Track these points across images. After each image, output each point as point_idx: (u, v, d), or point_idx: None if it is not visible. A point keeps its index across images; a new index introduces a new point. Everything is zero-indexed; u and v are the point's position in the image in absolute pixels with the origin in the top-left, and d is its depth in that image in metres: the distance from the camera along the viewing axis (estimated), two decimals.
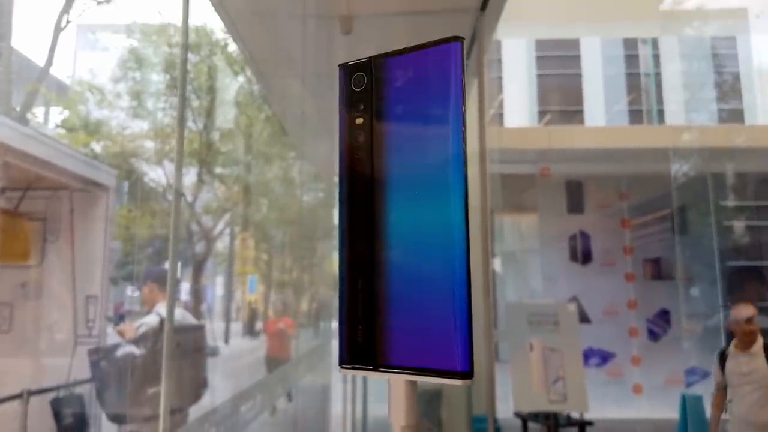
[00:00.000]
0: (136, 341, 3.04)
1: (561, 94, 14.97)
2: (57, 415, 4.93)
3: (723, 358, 4.32)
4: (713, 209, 8.52)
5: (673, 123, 10.57)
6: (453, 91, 0.53)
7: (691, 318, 8.47)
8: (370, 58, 0.58)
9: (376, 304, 0.53)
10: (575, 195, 9.56)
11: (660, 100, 11.72)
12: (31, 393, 4.09)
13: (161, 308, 3.17)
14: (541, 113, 14.66)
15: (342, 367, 0.55)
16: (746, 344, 4.14)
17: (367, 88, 0.57)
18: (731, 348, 4.27)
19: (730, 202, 9.09)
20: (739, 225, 9.53)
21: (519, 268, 11.70)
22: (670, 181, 8.26)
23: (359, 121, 0.57)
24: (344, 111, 0.58)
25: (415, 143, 0.54)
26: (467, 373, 0.48)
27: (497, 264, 9.99)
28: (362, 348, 0.53)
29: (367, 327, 0.53)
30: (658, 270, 9.17)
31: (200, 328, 3.29)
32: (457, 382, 0.48)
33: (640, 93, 12.91)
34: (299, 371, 7.14)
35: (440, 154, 0.52)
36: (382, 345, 0.52)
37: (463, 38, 0.55)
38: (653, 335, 8.96)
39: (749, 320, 4.15)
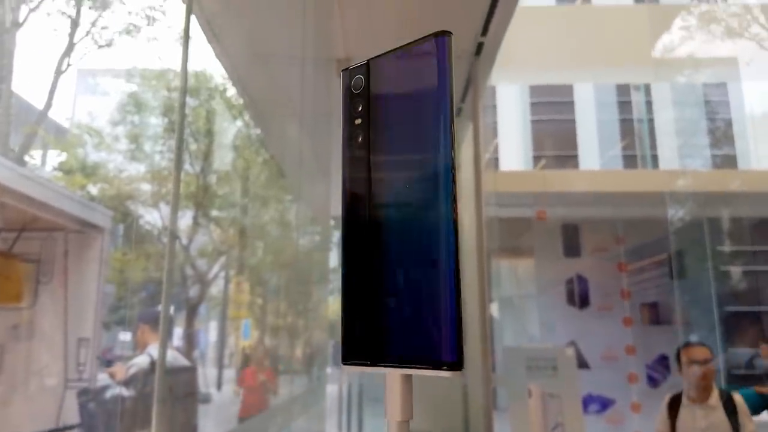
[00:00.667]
0: (126, 383, 2.98)
1: (555, 140, 15.15)
2: None
3: (674, 405, 3.91)
4: (710, 254, 8.53)
5: (668, 168, 10.68)
6: (440, 84, 0.56)
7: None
8: (368, 60, 0.61)
9: (373, 303, 0.55)
10: (572, 239, 9.56)
11: (653, 145, 11.86)
12: None
13: (152, 349, 3.13)
14: (536, 158, 14.80)
15: (344, 363, 0.57)
16: (702, 394, 3.73)
17: (364, 89, 0.60)
18: (685, 399, 3.85)
19: (727, 247, 9.11)
20: (736, 270, 9.53)
21: (516, 313, 11.62)
22: (666, 225, 8.29)
23: (358, 121, 0.59)
24: (345, 113, 0.61)
25: (408, 140, 0.56)
26: (455, 364, 0.50)
27: (494, 309, 9.93)
28: (360, 344, 0.55)
29: (364, 325, 0.55)
30: (656, 315, 9.12)
31: (192, 370, 3.23)
32: (446, 374, 0.50)
33: (634, 138, 13.08)
34: (287, 418, 7.01)
35: (430, 149, 0.54)
36: (378, 341, 0.54)
37: (450, 32, 0.57)
38: (653, 381, 8.83)
39: (705, 362, 3.78)
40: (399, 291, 0.53)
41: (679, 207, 8.57)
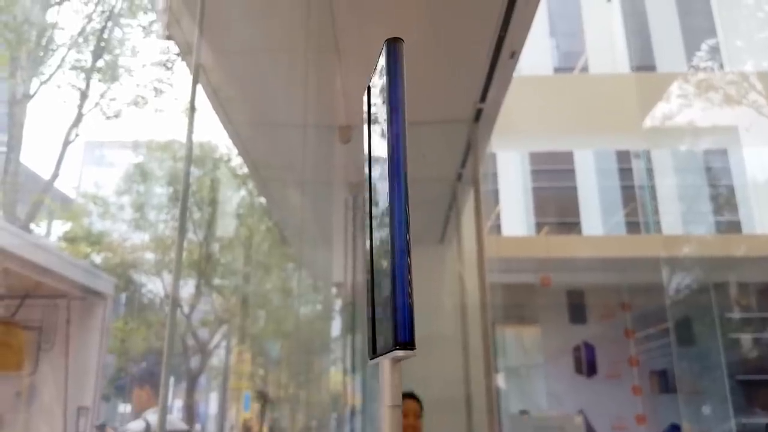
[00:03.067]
0: None
1: (557, 206, 15.23)
2: None
3: None
4: (718, 322, 8.43)
5: (671, 233, 10.69)
6: (391, 90, 0.60)
7: None
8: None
9: (372, 314, 0.66)
10: (577, 305, 9.49)
11: (656, 211, 11.91)
12: None
13: (149, 414, 3.08)
14: (539, 225, 14.85)
15: (370, 359, 0.66)
16: None
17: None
18: None
19: (735, 315, 9.00)
20: (745, 338, 9.39)
21: (523, 383, 11.39)
22: (673, 291, 8.24)
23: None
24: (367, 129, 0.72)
25: (380, 149, 0.64)
26: (407, 344, 0.57)
27: (501, 380, 9.75)
28: (371, 345, 0.65)
29: (371, 330, 0.65)
30: (666, 383, 8.93)
31: None
32: (400, 353, 0.57)
33: (636, 205, 13.15)
34: None
35: (388, 154, 0.61)
36: (374, 341, 0.64)
37: (399, 39, 0.62)
38: None
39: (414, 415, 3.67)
40: (382, 294, 0.62)
41: (684, 273, 8.53)
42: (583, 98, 9.28)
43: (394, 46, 0.60)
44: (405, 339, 0.57)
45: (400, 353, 0.57)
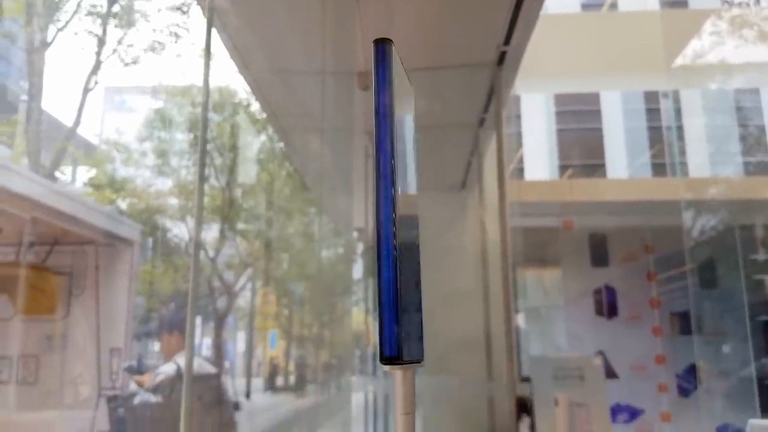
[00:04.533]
0: (153, 390, 3.05)
1: (582, 149, 15.01)
2: None
3: None
4: (742, 263, 8.36)
5: (698, 176, 10.51)
6: (379, 91, 0.57)
7: (722, 374, 8.21)
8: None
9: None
10: (599, 248, 9.45)
11: (683, 152, 11.69)
12: None
13: (180, 358, 3.19)
14: (563, 168, 14.67)
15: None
16: None
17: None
18: None
19: (761, 256, 8.90)
20: None
21: (543, 323, 11.49)
22: (697, 233, 8.16)
23: None
24: None
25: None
26: (393, 359, 0.54)
27: (521, 320, 9.85)
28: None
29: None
30: (686, 324, 8.95)
31: (217, 377, 3.28)
32: (386, 367, 0.55)
33: (663, 146, 12.90)
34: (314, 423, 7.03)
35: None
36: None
37: (388, 40, 0.59)
38: (683, 391, 8.67)
39: None
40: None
41: (710, 215, 8.42)
42: (611, 37, 8.99)
43: (382, 47, 0.57)
44: (390, 354, 0.54)
45: (386, 367, 0.54)
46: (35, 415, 4.99)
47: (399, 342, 0.54)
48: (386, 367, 0.54)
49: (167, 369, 3.12)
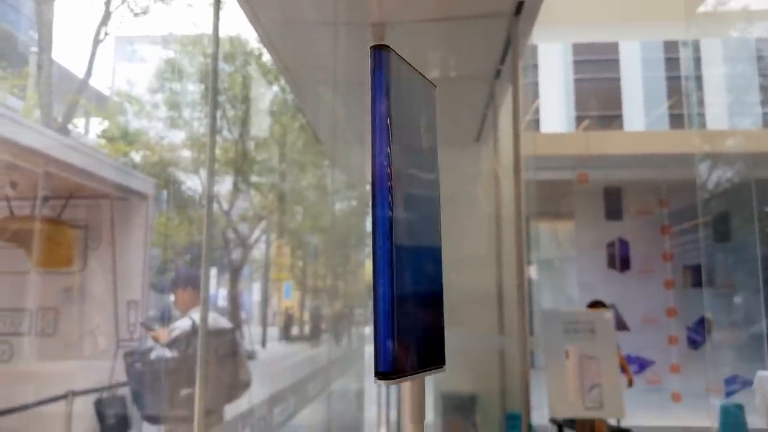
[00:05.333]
0: (169, 345, 3.11)
1: (599, 99, 14.76)
2: (100, 416, 5.05)
3: None
4: (756, 216, 8.28)
5: (716, 127, 10.33)
6: (375, 98, 0.53)
7: (732, 326, 8.25)
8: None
9: None
10: (614, 201, 9.40)
11: (702, 103, 11.46)
12: (75, 394, 4.21)
13: (194, 313, 3.23)
14: (579, 118, 14.47)
15: None
16: None
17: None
18: None
19: None
20: None
21: (556, 275, 11.55)
22: (713, 186, 8.07)
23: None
24: None
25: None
26: (387, 374, 0.51)
27: (533, 272, 9.88)
28: None
29: None
30: (698, 277, 8.95)
31: (232, 331, 3.33)
32: (380, 382, 0.52)
33: (681, 97, 12.65)
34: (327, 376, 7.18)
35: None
36: None
37: (386, 46, 0.54)
38: (693, 343, 8.74)
39: None
40: None
41: (726, 168, 8.31)
42: None
43: (379, 53, 0.52)
44: (384, 369, 0.51)
45: (381, 382, 0.52)
46: (55, 366, 5.12)
47: (394, 357, 0.51)
48: (381, 382, 0.51)
49: (182, 324, 3.16)
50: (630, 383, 5.80)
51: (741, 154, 8.41)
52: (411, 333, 0.53)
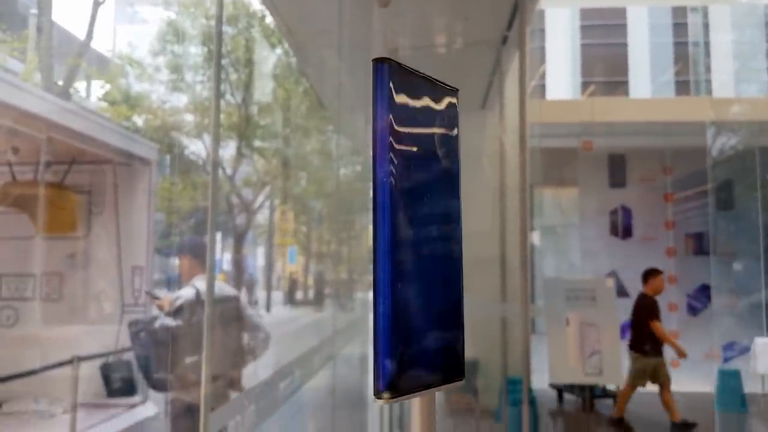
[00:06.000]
0: (173, 314, 3.13)
1: (605, 65, 14.60)
2: (106, 379, 5.14)
3: None
4: (760, 183, 8.26)
5: (722, 94, 10.23)
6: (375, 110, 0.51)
7: (732, 293, 8.29)
8: None
9: None
10: (618, 169, 9.37)
11: (708, 69, 11.33)
12: (80, 359, 4.26)
13: (198, 281, 3.25)
14: (585, 84, 14.33)
15: None
16: None
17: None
18: None
19: None
20: None
21: (558, 241, 11.58)
22: (717, 154, 8.03)
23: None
24: None
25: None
26: (386, 393, 0.49)
27: (536, 238, 9.90)
28: None
29: None
30: (700, 245, 8.97)
31: (236, 299, 3.36)
32: (379, 402, 0.50)
33: (688, 63, 12.49)
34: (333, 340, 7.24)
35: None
36: None
37: (388, 59, 0.52)
38: (693, 310, 8.81)
39: None
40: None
41: (730, 134, 8.25)
42: None
43: (380, 66, 0.50)
44: (382, 389, 0.49)
45: (380, 401, 0.50)
46: (60, 330, 5.18)
47: (393, 376, 0.49)
48: (380, 401, 0.50)
49: (186, 293, 3.18)
50: (682, 355, 5.88)
51: (746, 122, 8.35)
52: (418, 348, 0.52)
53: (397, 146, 0.50)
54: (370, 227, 0.52)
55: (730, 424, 5.80)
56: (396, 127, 0.50)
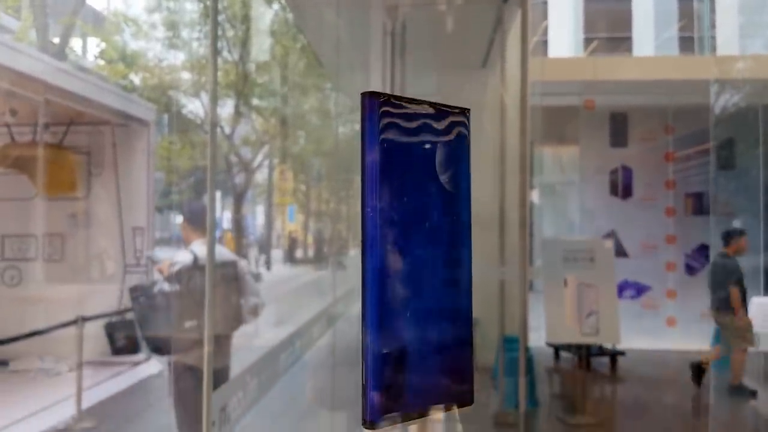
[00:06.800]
0: (170, 279, 3.16)
1: (608, 21, 14.36)
2: (110, 338, 5.22)
3: None
4: (762, 141, 8.22)
5: (726, 50, 10.09)
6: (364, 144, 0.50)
7: None
8: None
9: None
10: (619, 128, 9.30)
11: (713, 25, 11.13)
12: (85, 319, 4.32)
13: (195, 246, 3.26)
14: (588, 40, 14.12)
15: None
16: None
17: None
18: None
19: None
20: None
21: (558, 199, 11.58)
22: (719, 112, 7.96)
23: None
24: None
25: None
26: (373, 425, 0.48)
27: (535, 196, 9.90)
28: None
29: None
30: (700, 205, 8.98)
31: (234, 264, 3.38)
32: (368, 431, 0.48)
33: (692, 18, 12.28)
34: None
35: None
36: None
37: (376, 93, 0.50)
38: (691, 270, 8.88)
39: None
40: None
41: (734, 92, 8.17)
42: None
43: (369, 101, 0.49)
44: (370, 419, 0.48)
45: (368, 431, 0.48)
46: (64, 290, 5.24)
47: (381, 407, 0.48)
48: (369, 431, 0.48)
49: (183, 258, 3.19)
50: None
51: (749, 79, 8.25)
52: (413, 376, 0.50)
53: (386, 179, 0.49)
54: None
55: (722, 383, 5.91)
56: (385, 160, 0.49)
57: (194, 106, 10.55)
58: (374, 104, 0.48)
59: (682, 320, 8.01)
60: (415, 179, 0.50)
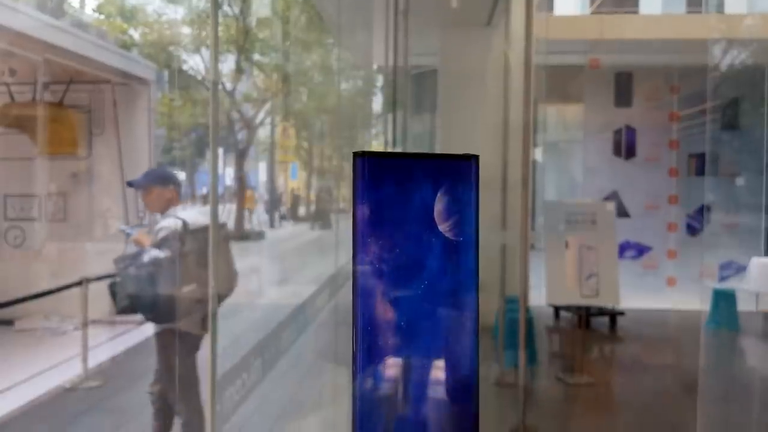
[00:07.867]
0: (158, 245, 3.11)
1: None
2: (114, 297, 5.27)
3: None
4: (767, 99, 8.13)
5: (735, 8, 9.89)
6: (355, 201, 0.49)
7: (730, 213, 8.33)
8: None
9: None
10: (624, 88, 9.19)
11: None
12: (89, 280, 4.37)
13: (182, 213, 3.20)
14: None
15: None
16: None
17: None
18: None
19: None
20: None
21: (561, 157, 11.54)
22: (725, 70, 7.86)
23: None
24: None
25: None
26: None
27: (538, 154, 9.86)
28: None
29: None
30: (703, 165, 8.95)
31: (223, 227, 3.37)
32: None
33: None
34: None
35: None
36: None
37: (369, 153, 0.49)
38: (692, 230, 8.90)
39: None
40: None
41: (740, 50, 8.05)
42: None
43: (361, 161, 0.49)
44: None
45: None
46: (67, 249, 5.28)
47: None
48: None
49: (168, 223, 3.12)
50: None
51: (756, 39, 8.12)
52: (406, 427, 0.49)
53: (376, 232, 0.49)
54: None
55: (720, 341, 6.00)
56: (376, 214, 0.48)
57: (195, 62, 10.42)
58: (365, 164, 0.48)
59: (681, 280, 8.07)
60: (408, 230, 0.50)
